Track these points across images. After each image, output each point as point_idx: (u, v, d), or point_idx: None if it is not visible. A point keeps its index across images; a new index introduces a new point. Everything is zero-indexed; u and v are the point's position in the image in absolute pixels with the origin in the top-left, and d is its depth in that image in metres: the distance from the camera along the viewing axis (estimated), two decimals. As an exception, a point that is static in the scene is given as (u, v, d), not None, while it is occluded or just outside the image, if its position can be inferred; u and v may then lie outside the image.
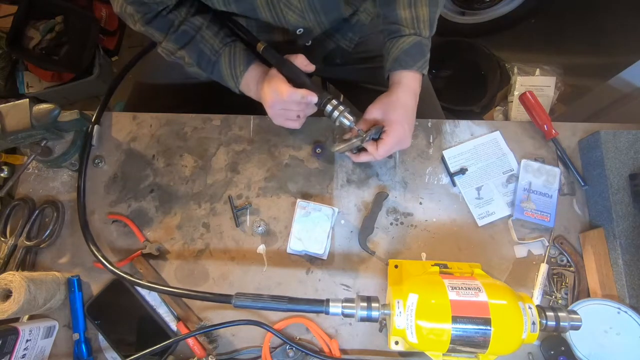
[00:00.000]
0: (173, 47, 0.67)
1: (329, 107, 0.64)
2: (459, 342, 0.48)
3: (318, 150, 0.74)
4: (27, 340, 0.62)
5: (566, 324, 0.50)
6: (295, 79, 0.64)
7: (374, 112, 0.66)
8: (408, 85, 0.66)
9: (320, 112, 0.67)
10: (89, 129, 0.76)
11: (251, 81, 0.68)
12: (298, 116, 0.67)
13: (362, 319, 0.52)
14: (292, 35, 0.72)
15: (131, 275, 0.64)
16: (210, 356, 0.64)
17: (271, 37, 0.73)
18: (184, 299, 0.69)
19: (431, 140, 0.76)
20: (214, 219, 0.73)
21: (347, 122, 0.64)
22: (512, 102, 1.40)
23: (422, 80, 0.68)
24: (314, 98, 0.63)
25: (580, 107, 1.25)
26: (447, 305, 0.49)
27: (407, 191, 0.74)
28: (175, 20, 0.65)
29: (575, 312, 0.51)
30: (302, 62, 0.64)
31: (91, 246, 0.68)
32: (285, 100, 0.62)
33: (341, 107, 0.64)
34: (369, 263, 0.70)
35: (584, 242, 0.69)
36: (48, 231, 0.71)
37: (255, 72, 0.68)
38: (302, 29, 0.70)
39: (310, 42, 0.76)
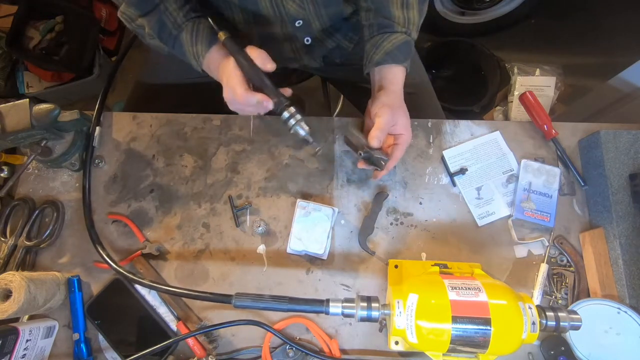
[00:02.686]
0: (133, 13, 0.63)
1: (285, 114, 0.61)
2: (459, 342, 0.48)
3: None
4: (27, 340, 0.62)
5: (566, 324, 0.50)
6: (254, 78, 0.60)
7: (387, 117, 0.63)
8: (402, 83, 0.67)
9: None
10: (90, 129, 0.76)
11: (212, 64, 0.65)
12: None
13: (362, 319, 0.52)
14: (291, 28, 0.71)
15: (133, 274, 0.64)
16: (210, 356, 0.64)
17: (270, 29, 0.73)
18: (184, 299, 0.69)
19: (431, 140, 0.76)
20: (214, 219, 0.73)
21: (302, 132, 0.62)
22: (512, 102, 1.40)
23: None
24: (269, 104, 0.60)
25: (580, 107, 1.26)
26: (447, 305, 0.49)
27: (407, 191, 0.74)
28: None
29: (575, 312, 0.51)
30: (262, 60, 0.60)
31: (97, 246, 0.68)
32: (240, 103, 0.61)
33: (298, 116, 0.61)
34: (369, 263, 0.70)
35: (584, 242, 0.69)
36: (48, 231, 0.71)
37: (218, 54, 0.64)
38: (300, 21, 0.70)
39: (310, 40, 0.76)
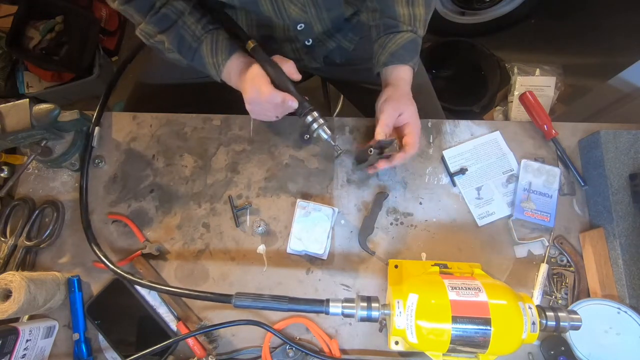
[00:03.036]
0: (152, 30, 0.65)
1: (309, 118, 0.66)
2: (459, 342, 0.48)
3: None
4: (27, 340, 0.62)
5: (566, 324, 0.50)
6: (279, 83, 0.64)
7: (390, 111, 0.65)
8: (409, 80, 0.68)
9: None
10: (90, 130, 0.76)
11: (232, 71, 0.67)
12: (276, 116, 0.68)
13: (362, 319, 0.52)
14: (292, 31, 0.71)
15: (132, 275, 0.64)
16: (210, 356, 0.64)
17: (271, 32, 0.73)
18: (184, 299, 0.69)
19: (431, 140, 0.76)
20: (214, 219, 0.73)
21: (324, 135, 0.66)
22: (512, 102, 1.40)
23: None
24: (294, 103, 0.64)
25: (580, 107, 1.25)
26: (447, 305, 0.49)
27: (407, 191, 0.74)
28: (157, 1, 0.63)
29: (575, 312, 0.51)
30: (289, 69, 0.64)
31: (94, 247, 0.68)
32: (265, 101, 0.63)
33: (321, 120, 0.66)
34: (369, 263, 0.70)
35: (584, 242, 0.69)
36: (48, 231, 0.71)
37: (238, 62, 0.66)
38: (302, 25, 0.70)
39: (311, 41, 0.76)
